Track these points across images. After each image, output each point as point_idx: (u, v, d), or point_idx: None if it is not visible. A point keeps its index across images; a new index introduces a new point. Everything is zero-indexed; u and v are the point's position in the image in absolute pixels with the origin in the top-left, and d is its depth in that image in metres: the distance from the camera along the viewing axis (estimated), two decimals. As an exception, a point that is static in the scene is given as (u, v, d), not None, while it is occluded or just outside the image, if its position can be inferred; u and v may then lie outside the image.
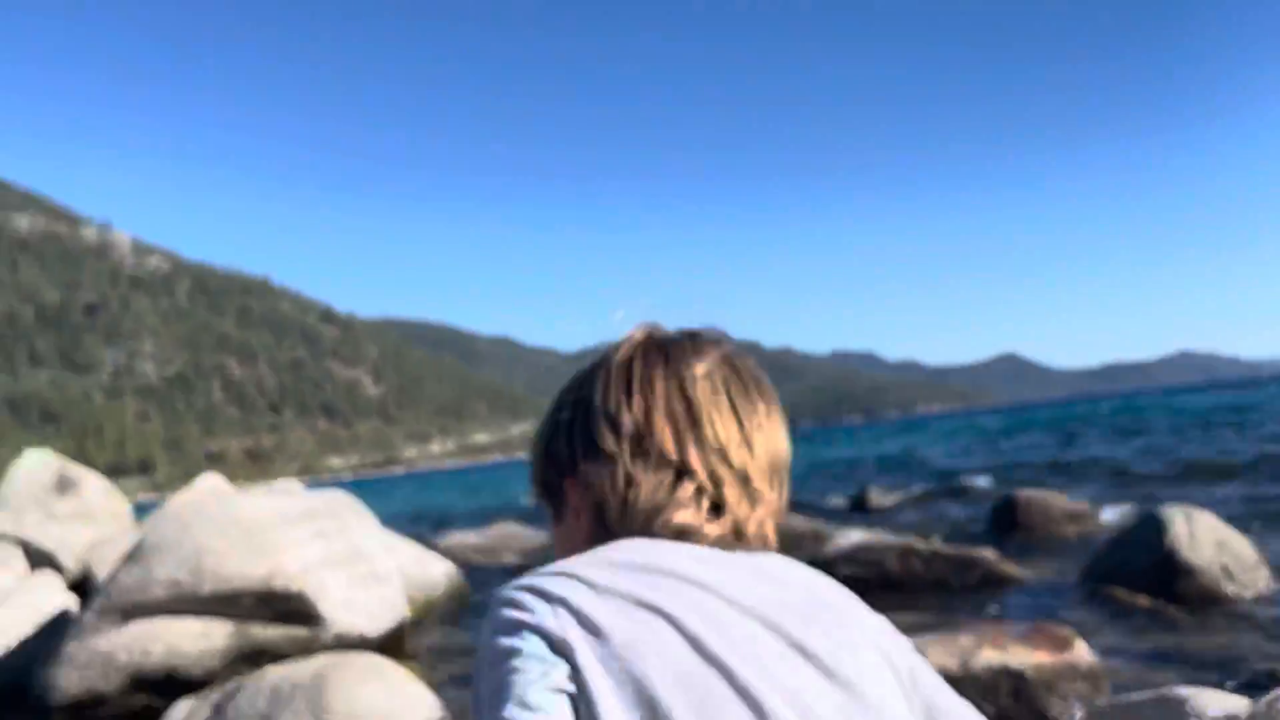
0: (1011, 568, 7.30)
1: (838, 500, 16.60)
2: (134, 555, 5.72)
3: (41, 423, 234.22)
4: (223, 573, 5.50)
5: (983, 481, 16.54)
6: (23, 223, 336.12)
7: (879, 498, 15.32)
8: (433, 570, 8.95)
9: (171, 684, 5.41)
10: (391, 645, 6.12)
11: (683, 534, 0.86)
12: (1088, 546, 8.29)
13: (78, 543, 10.60)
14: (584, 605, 0.77)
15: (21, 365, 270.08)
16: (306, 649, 5.63)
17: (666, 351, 0.92)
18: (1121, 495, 12.09)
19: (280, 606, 5.60)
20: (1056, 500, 9.96)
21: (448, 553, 11.74)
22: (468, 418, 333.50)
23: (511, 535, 13.50)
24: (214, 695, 4.72)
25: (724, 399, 0.90)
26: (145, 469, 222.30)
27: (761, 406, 0.93)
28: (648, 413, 0.89)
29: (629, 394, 0.90)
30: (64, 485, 11.30)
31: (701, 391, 0.90)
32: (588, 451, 0.91)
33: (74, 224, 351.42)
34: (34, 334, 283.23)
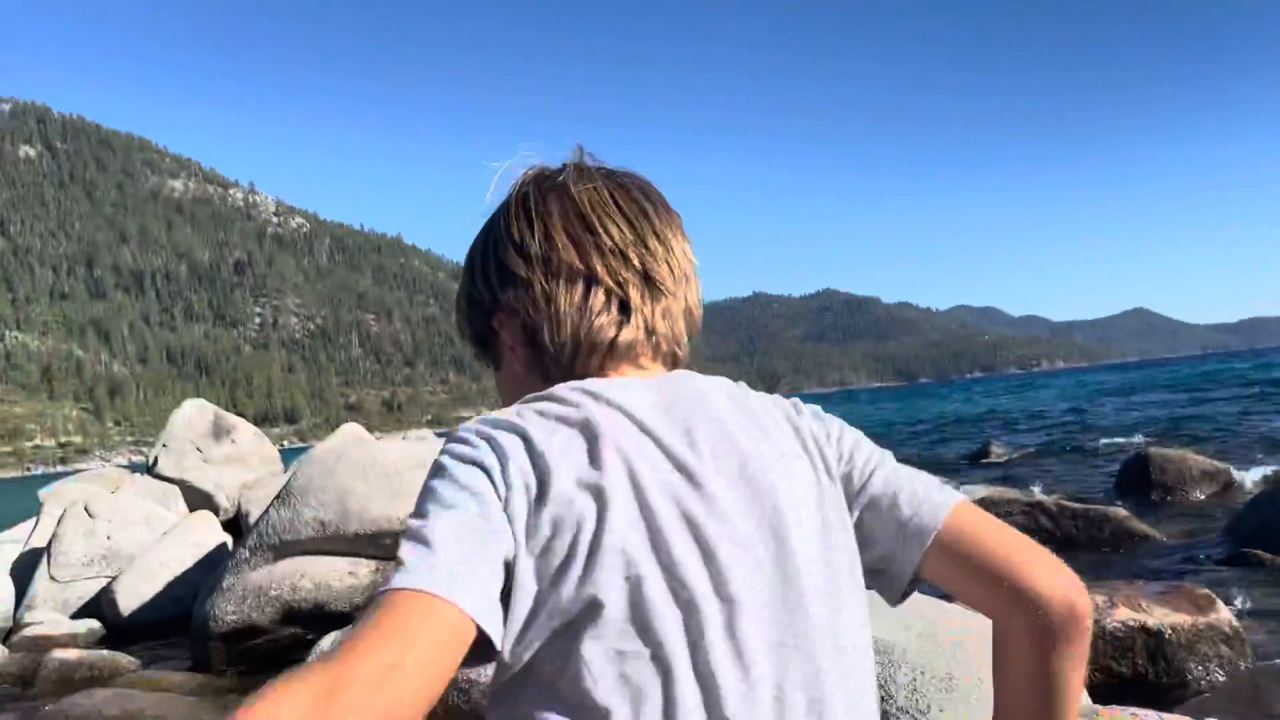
0: (1145, 526, 7.07)
1: (957, 454, 16.27)
2: (283, 497, 6.12)
3: (197, 373, 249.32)
4: (366, 514, 5.84)
5: (1108, 439, 15.93)
6: (178, 186, 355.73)
7: (999, 452, 14.94)
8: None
9: (319, 617, 5.80)
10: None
11: (601, 345, 0.92)
12: (1225, 508, 7.93)
13: (231, 484, 11.34)
14: (513, 439, 0.84)
15: (179, 319, 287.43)
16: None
17: (555, 180, 0.97)
18: (1260, 457, 11.43)
19: (416, 547, 5.92)
20: (1192, 459, 9.52)
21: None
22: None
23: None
24: (357, 627, 5.05)
25: (613, 206, 0.95)
26: (291, 417, 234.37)
27: (650, 208, 0.97)
28: (548, 233, 0.93)
29: (529, 222, 0.94)
30: (219, 431, 12.07)
31: (591, 203, 0.94)
32: (504, 283, 0.95)
33: (224, 187, 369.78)
34: (189, 290, 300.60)
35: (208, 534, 7.83)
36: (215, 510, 10.12)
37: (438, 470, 0.82)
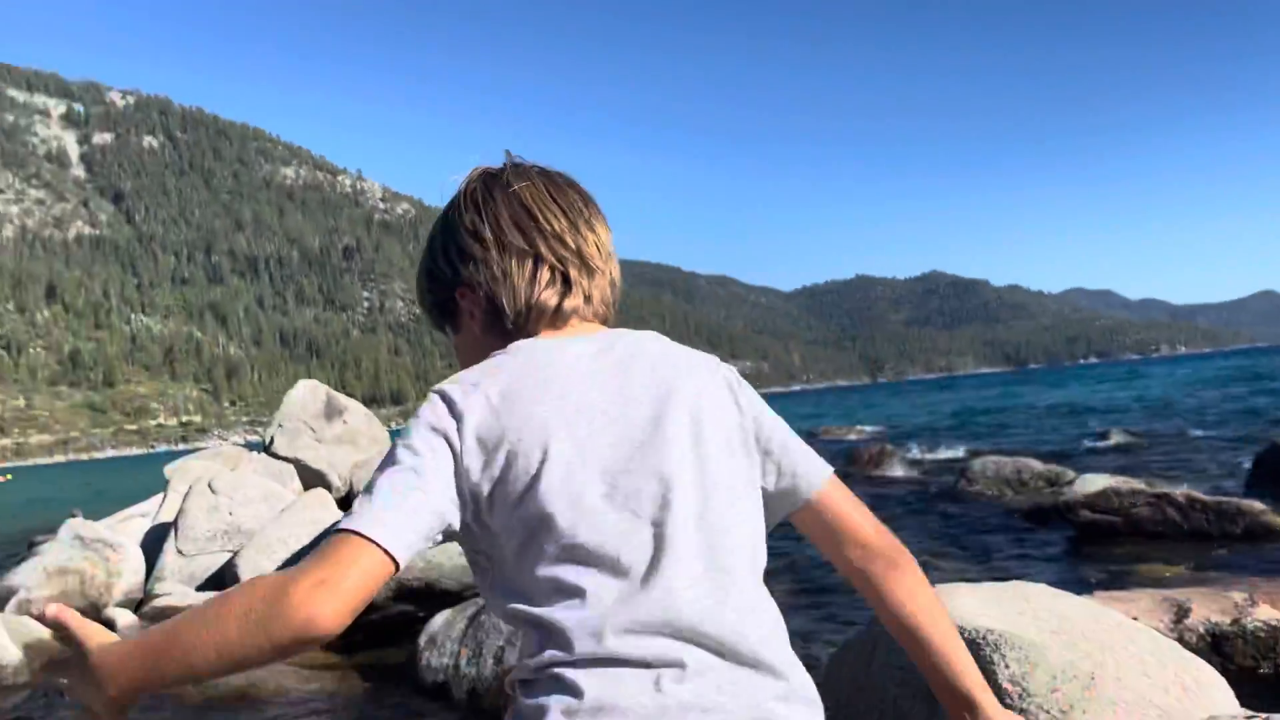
0: (1284, 522, 6.67)
1: (1071, 443, 15.68)
2: (395, 476, 6.24)
3: (308, 355, 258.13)
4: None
5: (1231, 429, 15.11)
6: (290, 174, 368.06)
7: (1118, 440, 14.33)
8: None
9: (429, 595, 5.91)
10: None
11: (548, 310, 1.13)
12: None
13: (343, 464, 11.65)
14: (462, 392, 1.05)
15: (291, 303, 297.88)
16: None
17: (499, 176, 1.18)
18: None
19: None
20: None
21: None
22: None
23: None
24: (469, 608, 5.11)
25: (549, 199, 1.16)
26: (396, 399, 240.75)
27: (578, 200, 1.18)
28: (497, 220, 1.14)
29: (480, 212, 1.15)
30: (331, 412, 12.40)
31: (531, 197, 1.15)
32: (465, 262, 1.15)
33: (333, 174, 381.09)
34: (300, 275, 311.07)
35: (323, 512, 8.04)
36: (328, 488, 10.40)
37: (402, 433, 1.03)
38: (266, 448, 11.89)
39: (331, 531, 0.95)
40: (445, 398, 1.04)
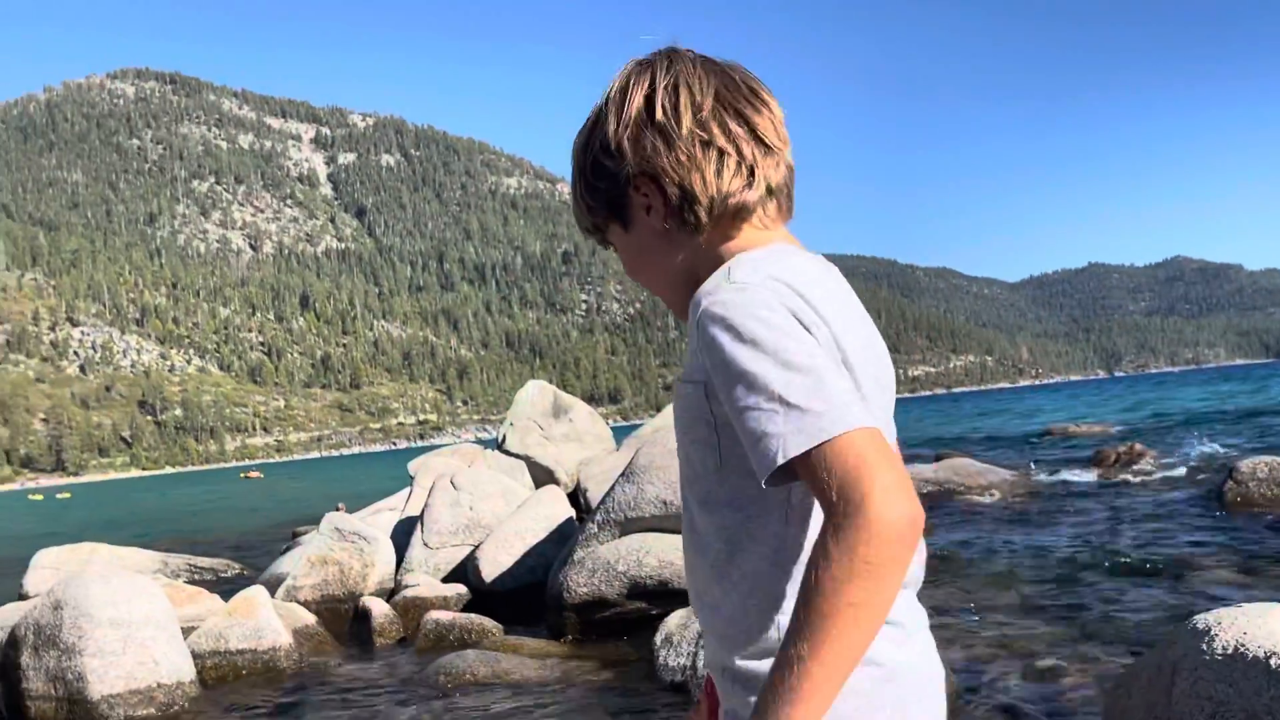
0: None
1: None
2: (627, 474, 6.29)
3: (531, 356, 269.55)
4: (705, 494, 5.86)
5: None
6: (512, 184, 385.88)
7: None
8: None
9: (663, 593, 5.91)
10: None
11: (744, 204, 1.07)
12: None
13: (570, 461, 11.97)
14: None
15: (515, 307, 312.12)
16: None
17: (666, 62, 1.11)
18: None
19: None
20: None
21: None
22: (906, 351, 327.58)
23: (965, 469, 12.99)
24: (704, 607, 5.06)
25: (742, 88, 1.10)
26: (614, 398, 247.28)
27: (747, 80, 1.12)
28: (675, 105, 1.07)
29: (676, 97, 1.08)
30: (558, 410, 12.79)
31: (703, 80, 1.08)
32: (655, 151, 1.07)
33: (552, 182, 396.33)
34: (524, 280, 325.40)
35: (556, 507, 8.25)
36: (555, 484, 10.70)
37: (755, 339, 0.95)
38: (499, 445, 12.40)
39: (823, 442, 0.85)
40: (779, 299, 0.96)
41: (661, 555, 5.90)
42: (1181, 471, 12.56)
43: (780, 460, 0.85)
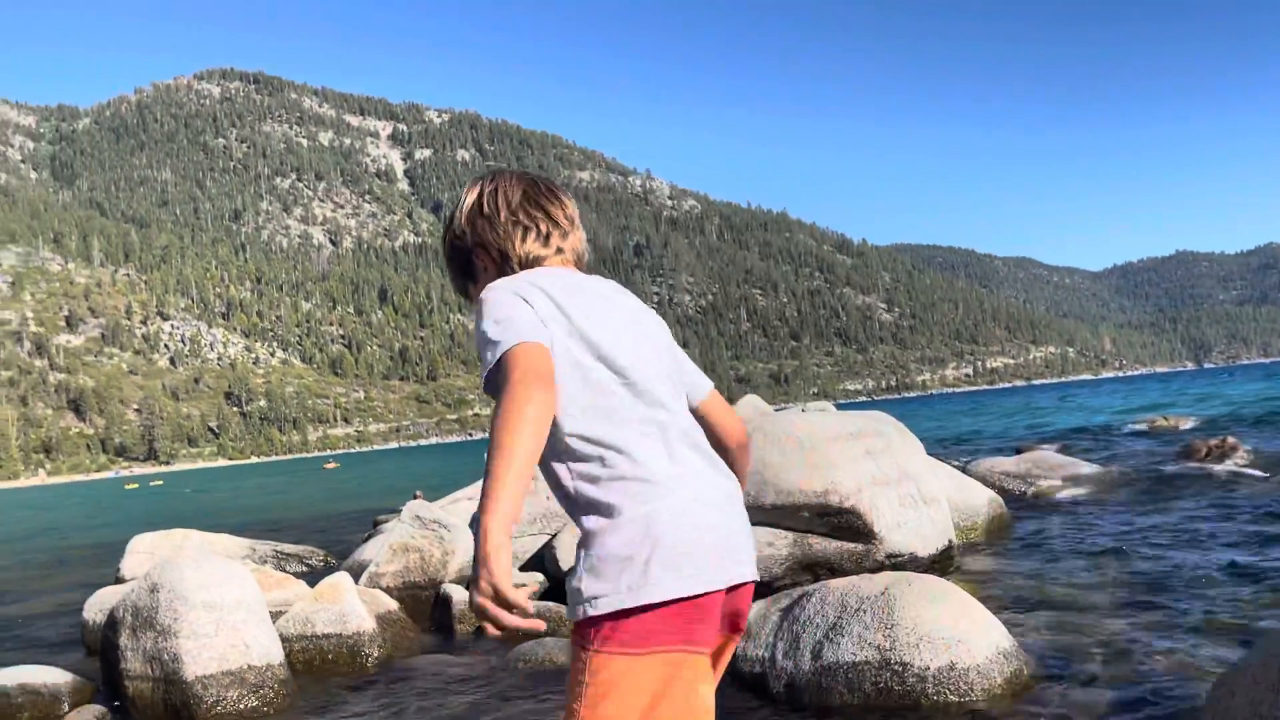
0: None
1: None
2: (704, 466, 6.28)
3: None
4: (782, 486, 5.82)
5: None
6: (585, 177, 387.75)
7: None
8: (973, 495, 8.71)
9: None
10: (939, 568, 6.05)
11: (539, 257, 1.74)
12: None
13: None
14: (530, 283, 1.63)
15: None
16: (859, 564, 5.78)
17: (494, 177, 1.81)
18: None
19: (836, 521, 5.80)
20: None
21: (978, 478, 11.37)
22: (984, 342, 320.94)
23: (1047, 461, 12.66)
24: (783, 599, 5.02)
25: (527, 187, 1.79)
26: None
27: (544, 186, 1.80)
28: (496, 202, 1.76)
29: (484, 198, 1.78)
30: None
31: (515, 186, 1.78)
32: (476, 231, 1.77)
33: (624, 175, 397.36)
34: (596, 272, 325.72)
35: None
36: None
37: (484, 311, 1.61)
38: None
39: (501, 353, 1.47)
40: (513, 289, 1.62)
41: (738, 546, 5.88)
42: (1277, 463, 12.08)
43: (485, 372, 1.51)
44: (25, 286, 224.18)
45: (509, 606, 1.29)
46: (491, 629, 1.35)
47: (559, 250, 1.76)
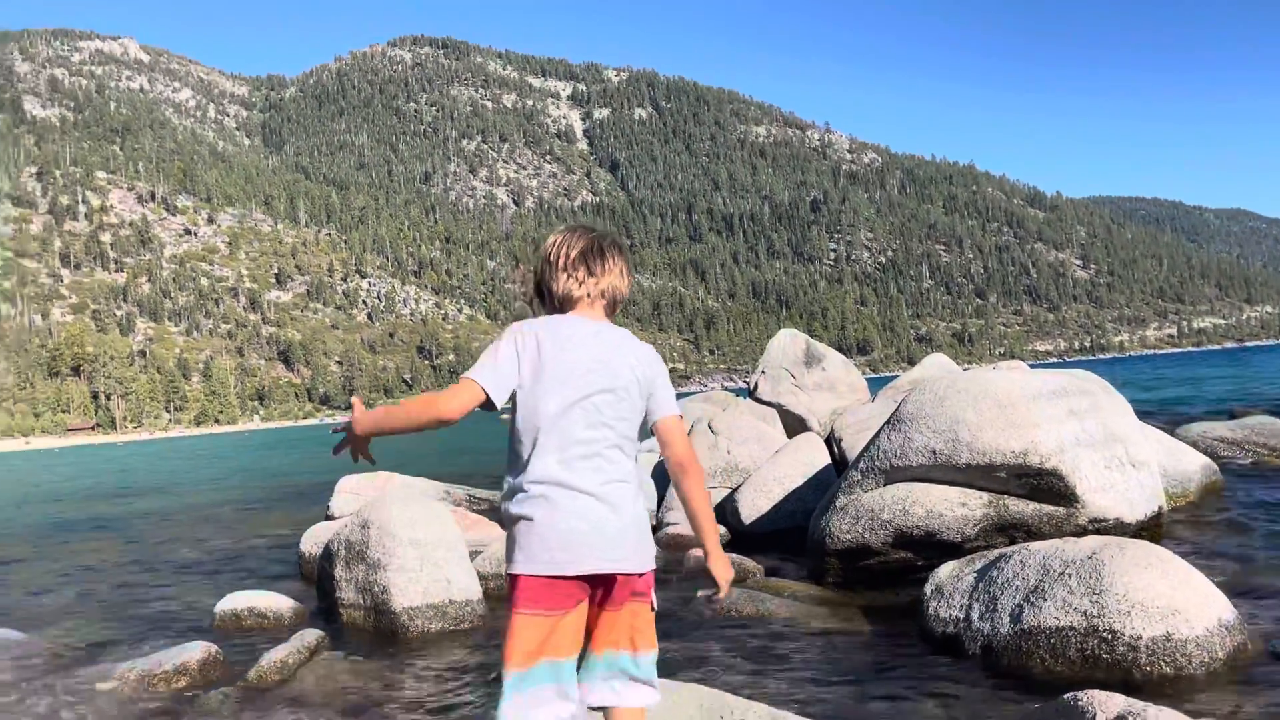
0: None
1: None
2: (893, 423, 6.13)
3: (778, 306, 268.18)
4: (978, 445, 5.61)
5: None
6: (760, 132, 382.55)
7: None
8: (1185, 461, 8.15)
9: (929, 544, 5.74)
10: (1147, 535, 5.70)
11: (571, 298, 2.35)
12: None
13: (822, 410, 11.81)
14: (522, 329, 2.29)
15: (763, 256, 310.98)
16: (1059, 528, 5.52)
17: (563, 232, 2.44)
18: None
19: (1035, 483, 5.55)
20: None
21: (1190, 444, 10.58)
22: (1191, 300, 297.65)
23: (1268, 428, 11.63)
24: (978, 560, 4.87)
25: (578, 242, 2.39)
26: (863, 349, 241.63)
27: (595, 243, 2.39)
28: (558, 254, 2.38)
29: (552, 250, 2.41)
30: (810, 359, 12.63)
31: (572, 241, 2.40)
32: (545, 274, 2.41)
33: (801, 129, 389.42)
34: (771, 230, 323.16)
35: (815, 455, 8.19)
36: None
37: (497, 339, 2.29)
38: (750, 393, 12.44)
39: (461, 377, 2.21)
40: (516, 330, 2.29)
41: (929, 505, 5.72)
42: None
43: None
44: (240, 246, 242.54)
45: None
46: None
47: (588, 294, 2.34)
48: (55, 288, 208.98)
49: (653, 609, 2.24)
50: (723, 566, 2.31)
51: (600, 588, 2.16)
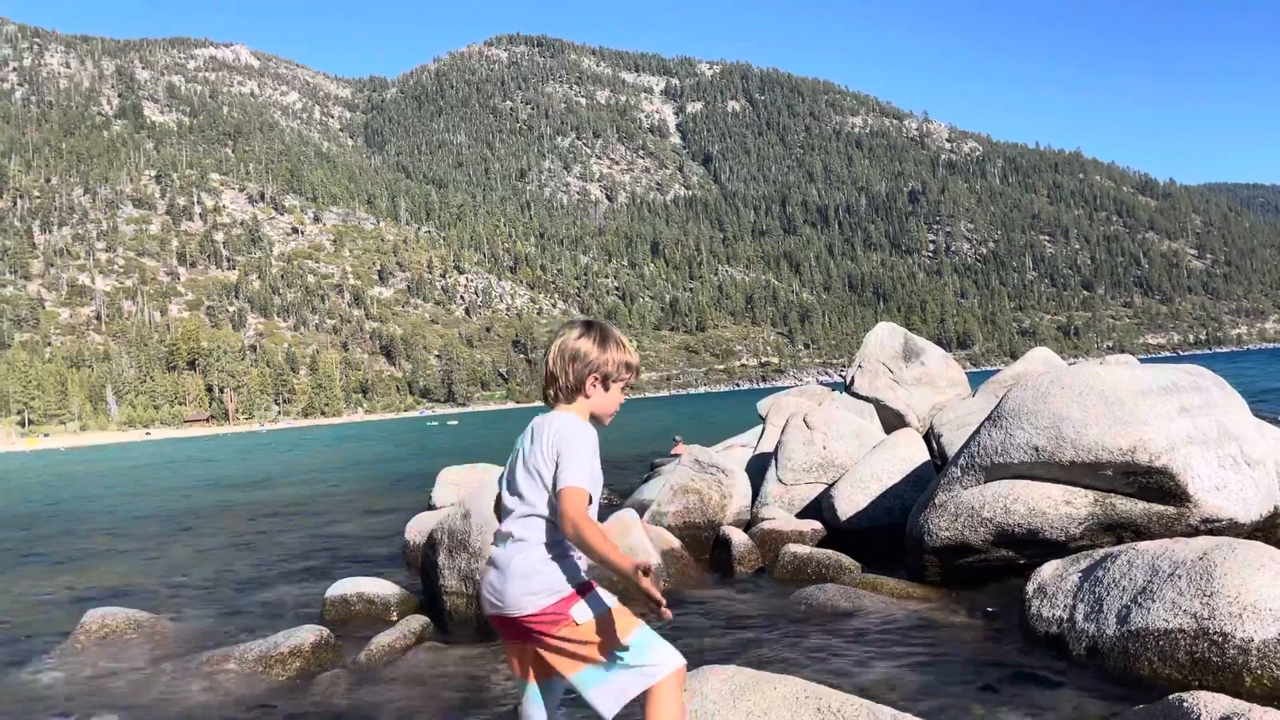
0: None
1: None
2: (994, 419, 6.02)
3: (874, 299, 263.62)
4: (1083, 442, 5.48)
5: None
6: (857, 122, 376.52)
7: None
8: (1307, 462, 7.77)
9: (1031, 543, 5.63)
10: (1263, 536, 5.49)
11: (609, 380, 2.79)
12: None
13: (921, 405, 11.62)
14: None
15: (858, 249, 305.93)
16: (1170, 529, 5.36)
17: (586, 324, 2.79)
18: None
19: (1143, 481, 5.39)
20: None
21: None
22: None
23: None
24: (1083, 559, 4.76)
25: (617, 342, 2.78)
26: (963, 343, 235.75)
27: (599, 333, 2.76)
28: (592, 347, 2.73)
29: (583, 340, 2.74)
30: (909, 354, 12.43)
31: (599, 336, 2.75)
32: (583, 374, 2.72)
33: (898, 119, 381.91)
34: (867, 221, 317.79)
35: (914, 451, 8.08)
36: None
37: (588, 435, 2.65)
38: (847, 387, 12.30)
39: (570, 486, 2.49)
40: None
41: (1031, 503, 5.61)
42: None
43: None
44: (345, 244, 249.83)
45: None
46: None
47: (545, 391, 2.80)
48: (173, 285, 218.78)
49: (563, 639, 2.51)
50: (647, 587, 2.43)
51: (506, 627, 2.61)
